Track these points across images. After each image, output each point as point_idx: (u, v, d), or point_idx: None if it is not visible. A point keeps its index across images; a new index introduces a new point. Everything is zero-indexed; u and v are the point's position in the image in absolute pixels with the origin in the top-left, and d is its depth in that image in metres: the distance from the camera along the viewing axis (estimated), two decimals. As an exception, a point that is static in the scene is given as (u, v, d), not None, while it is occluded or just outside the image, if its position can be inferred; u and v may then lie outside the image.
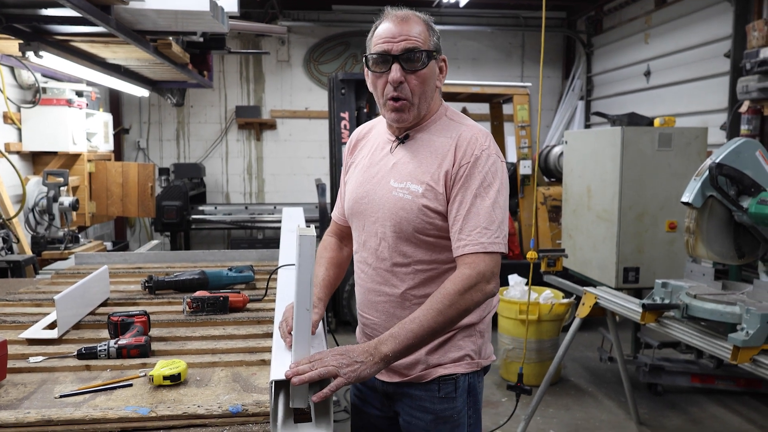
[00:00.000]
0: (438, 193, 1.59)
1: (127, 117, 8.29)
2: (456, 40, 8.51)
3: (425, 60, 1.58)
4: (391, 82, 1.57)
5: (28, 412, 1.36)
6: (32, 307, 2.25)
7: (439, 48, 1.64)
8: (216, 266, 2.85)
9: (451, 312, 1.47)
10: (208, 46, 4.59)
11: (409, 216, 1.60)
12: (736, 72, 5.06)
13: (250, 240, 7.91)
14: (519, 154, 6.00)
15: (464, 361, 1.69)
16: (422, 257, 1.64)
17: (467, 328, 1.70)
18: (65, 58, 3.69)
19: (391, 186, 1.64)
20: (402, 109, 1.60)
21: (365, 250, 1.73)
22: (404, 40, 1.56)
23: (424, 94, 1.61)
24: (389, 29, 1.58)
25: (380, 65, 1.59)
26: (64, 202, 4.55)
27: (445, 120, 1.68)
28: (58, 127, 4.89)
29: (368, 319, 1.75)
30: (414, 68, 1.58)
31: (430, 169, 1.60)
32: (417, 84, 1.59)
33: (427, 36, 1.60)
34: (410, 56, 1.57)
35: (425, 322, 1.45)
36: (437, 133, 1.66)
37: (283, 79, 8.42)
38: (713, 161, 2.88)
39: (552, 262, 4.33)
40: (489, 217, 1.55)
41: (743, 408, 4.22)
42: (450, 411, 1.69)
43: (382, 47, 1.57)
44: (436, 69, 1.64)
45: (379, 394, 1.80)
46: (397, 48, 1.56)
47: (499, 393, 4.42)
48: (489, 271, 1.52)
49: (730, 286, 3.06)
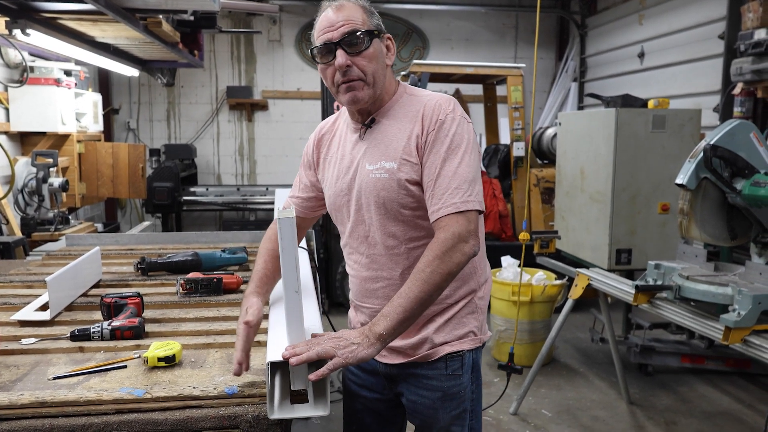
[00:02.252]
0: (413, 164, 1.60)
1: (116, 97, 8.20)
2: (449, 20, 8.44)
3: (368, 40, 1.59)
4: (338, 67, 1.57)
5: (21, 394, 1.35)
6: (23, 289, 2.23)
7: (381, 28, 1.64)
8: (209, 248, 2.84)
9: (435, 278, 1.47)
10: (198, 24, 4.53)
11: (391, 194, 1.61)
12: (730, 54, 5.05)
13: (242, 221, 7.88)
14: (512, 135, 5.98)
15: (468, 337, 1.72)
16: (412, 235, 1.64)
17: (470, 303, 1.71)
18: (53, 37, 3.63)
19: (367, 170, 1.64)
20: (355, 87, 1.60)
21: (354, 240, 1.73)
22: (343, 25, 1.57)
23: (375, 72, 1.61)
24: (327, 18, 1.59)
25: (326, 55, 1.59)
26: (53, 183, 4.50)
27: (407, 97, 1.69)
28: (46, 107, 4.83)
29: (368, 307, 1.74)
30: (358, 50, 1.58)
31: (401, 144, 1.61)
32: (365, 64, 1.59)
33: (365, 18, 1.60)
34: (352, 39, 1.57)
35: (411, 294, 1.45)
36: (401, 110, 1.66)
37: (274, 59, 8.33)
38: (708, 143, 2.88)
39: (545, 244, 4.35)
40: (459, 177, 1.55)
41: (732, 388, 4.27)
42: (457, 387, 1.71)
43: (324, 37, 1.58)
44: (382, 48, 1.64)
45: (381, 377, 1.80)
46: (338, 34, 1.57)
47: (492, 373, 4.45)
48: (465, 230, 1.51)
49: (722, 268, 3.08)
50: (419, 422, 1.78)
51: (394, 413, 1.85)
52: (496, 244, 5.84)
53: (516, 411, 3.87)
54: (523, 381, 3.94)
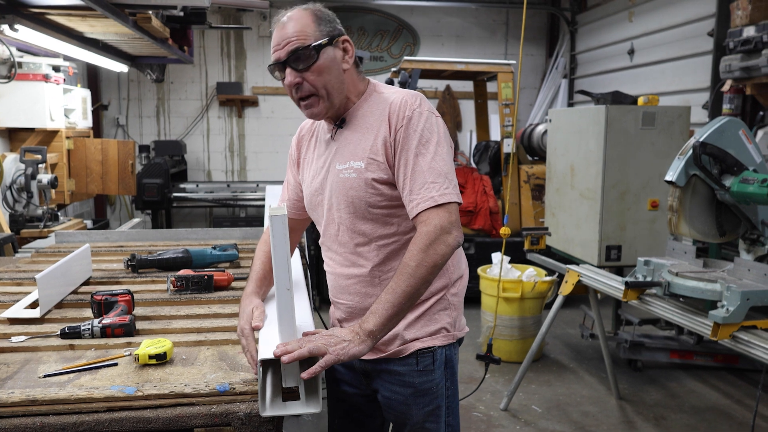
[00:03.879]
0: (380, 163, 1.61)
1: (105, 93, 8.14)
2: (440, 16, 8.44)
3: (314, 54, 1.58)
4: (288, 86, 1.61)
5: (12, 392, 1.35)
6: (13, 286, 2.22)
7: (333, 33, 1.62)
8: (199, 244, 2.83)
9: (421, 271, 1.48)
10: (188, 20, 4.51)
11: (359, 193, 1.63)
12: (719, 51, 5.07)
13: (232, 218, 7.85)
14: (503, 132, 5.99)
15: (440, 333, 1.73)
16: (381, 233, 1.66)
17: (442, 299, 1.73)
18: (41, 32, 3.60)
19: (337, 169, 1.67)
20: (311, 104, 1.63)
21: (327, 238, 1.76)
22: (288, 42, 1.58)
23: (329, 83, 1.62)
24: (275, 37, 1.61)
25: (280, 73, 1.62)
26: (42, 180, 4.47)
27: (376, 95, 1.70)
28: (35, 103, 4.78)
29: (342, 303, 1.77)
30: (306, 65, 1.58)
31: (368, 143, 1.63)
32: (315, 78, 1.60)
33: (312, 29, 1.59)
34: (297, 56, 1.58)
35: (399, 289, 1.47)
36: (370, 109, 1.68)
37: (265, 55, 8.29)
38: (697, 140, 2.90)
39: (535, 241, 4.36)
40: (433, 171, 1.56)
41: (720, 383, 4.31)
42: (429, 384, 1.73)
43: (274, 57, 1.61)
44: (335, 55, 1.63)
45: (357, 372, 1.83)
46: (284, 53, 1.59)
47: (482, 370, 4.46)
48: (446, 222, 1.52)
49: (711, 264, 3.10)
50: (393, 418, 1.80)
51: (374, 408, 1.87)
52: (487, 240, 5.85)
53: (506, 407, 3.89)
54: (514, 377, 3.95)
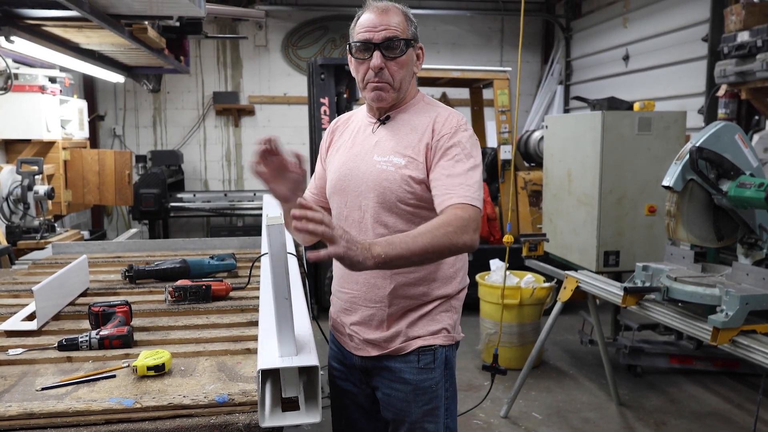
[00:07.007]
0: (419, 163, 1.69)
1: (102, 103, 8.14)
2: (435, 24, 8.46)
3: (404, 48, 1.71)
4: (372, 68, 1.69)
5: (9, 405, 1.34)
6: (10, 299, 2.20)
7: (416, 37, 1.76)
8: (197, 254, 2.82)
9: (444, 241, 1.50)
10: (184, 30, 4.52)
11: (392, 186, 1.69)
12: (713, 56, 5.10)
13: (229, 227, 7.85)
14: (499, 138, 6.00)
15: (441, 333, 1.77)
16: (402, 228, 1.69)
17: (445, 302, 1.78)
18: (37, 44, 3.60)
19: (374, 160, 1.73)
20: (382, 89, 1.72)
21: (347, 225, 1.78)
22: (384, 29, 1.68)
23: (404, 79, 1.73)
24: (371, 19, 1.69)
25: (363, 52, 1.70)
26: (39, 191, 4.46)
27: (423, 104, 1.81)
28: (31, 114, 4.78)
29: (347, 293, 1.81)
30: (393, 55, 1.70)
31: (411, 143, 1.71)
32: (396, 69, 1.71)
33: (405, 26, 1.72)
34: (390, 44, 1.68)
35: (419, 240, 1.48)
36: (416, 113, 1.77)
37: (261, 65, 8.31)
38: (693, 145, 2.90)
39: (533, 247, 4.35)
40: (471, 179, 1.64)
41: (721, 388, 4.30)
42: (429, 381, 1.76)
43: (364, 36, 1.69)
44: (413, 56, 1.77)
45: (357, 370, 1.85)
46: (378, 37, 1.68)
47: (482, 377, 4.45)
48: (475, 219, 1.58)
49: (709, 269, 3.10)
50: (392, 416, 1.81)
51: (377, 408, 1.87)
52: (485, 247, 5.84)
53: (506, 414, 3.88)
54: (514, 384, 3.94)
